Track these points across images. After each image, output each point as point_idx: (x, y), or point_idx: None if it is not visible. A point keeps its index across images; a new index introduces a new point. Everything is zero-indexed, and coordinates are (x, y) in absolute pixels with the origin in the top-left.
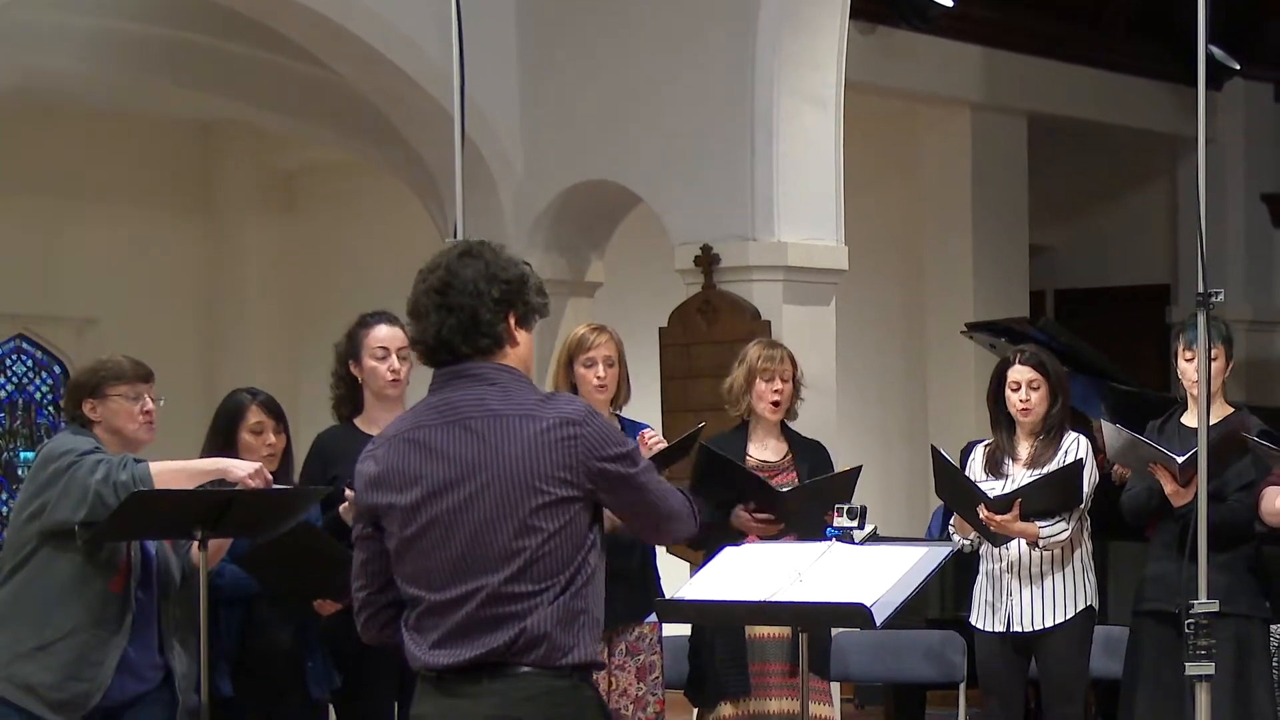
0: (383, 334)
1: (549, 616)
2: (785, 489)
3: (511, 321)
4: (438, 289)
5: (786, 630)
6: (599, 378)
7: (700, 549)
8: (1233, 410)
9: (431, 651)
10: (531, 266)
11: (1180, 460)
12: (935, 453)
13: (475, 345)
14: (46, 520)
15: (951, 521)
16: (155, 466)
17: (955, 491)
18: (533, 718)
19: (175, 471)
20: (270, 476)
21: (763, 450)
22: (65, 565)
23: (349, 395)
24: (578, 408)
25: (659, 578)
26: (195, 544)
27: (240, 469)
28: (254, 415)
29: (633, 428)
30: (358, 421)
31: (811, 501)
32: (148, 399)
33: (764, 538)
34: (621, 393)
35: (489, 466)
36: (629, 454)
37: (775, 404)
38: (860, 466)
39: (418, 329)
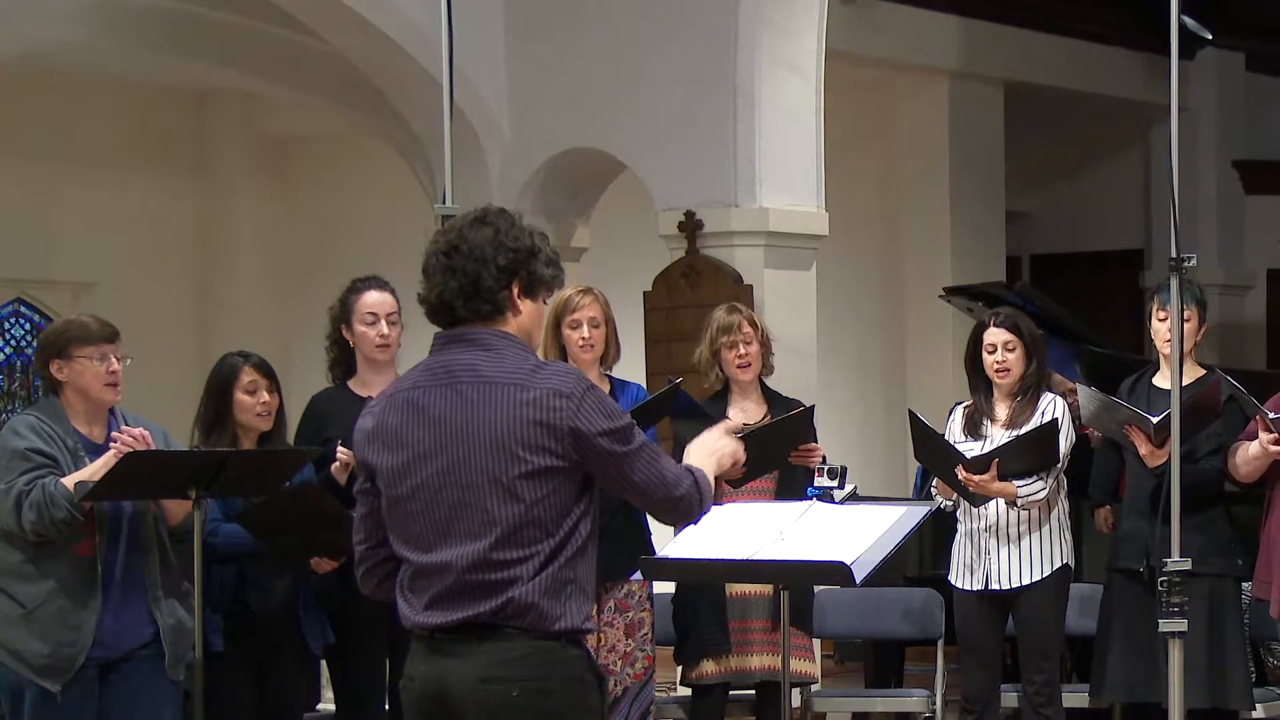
0: (372, 299)
1: (536, 587)
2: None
3: (515, 290)
4: (445, 251)
5: (768, 588)
6: (584, 338)
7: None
8: (1205, 372)
9: (423, 612)
10: (546, 238)
11: (1155, 421)
12: (913, 417)
13: (475, 310)
14: None
15: (933, 483)
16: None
17: (933, 454)
18: (521, 676)
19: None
20: (147, 436)
21: (742, 412)
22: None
23: (342, 358)
24: (570, 380)
25: (649, 535)
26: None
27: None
28: (247, 375)
29: (620, 386)
30: (351, 384)
31: (770, 443)
32: (113, 359)
33: (730, 482)
34: (610, 352)
35: (475, 432)
36: (621, 430)
37: (744, 367)
38: (813, 406)
39: (425, 288)
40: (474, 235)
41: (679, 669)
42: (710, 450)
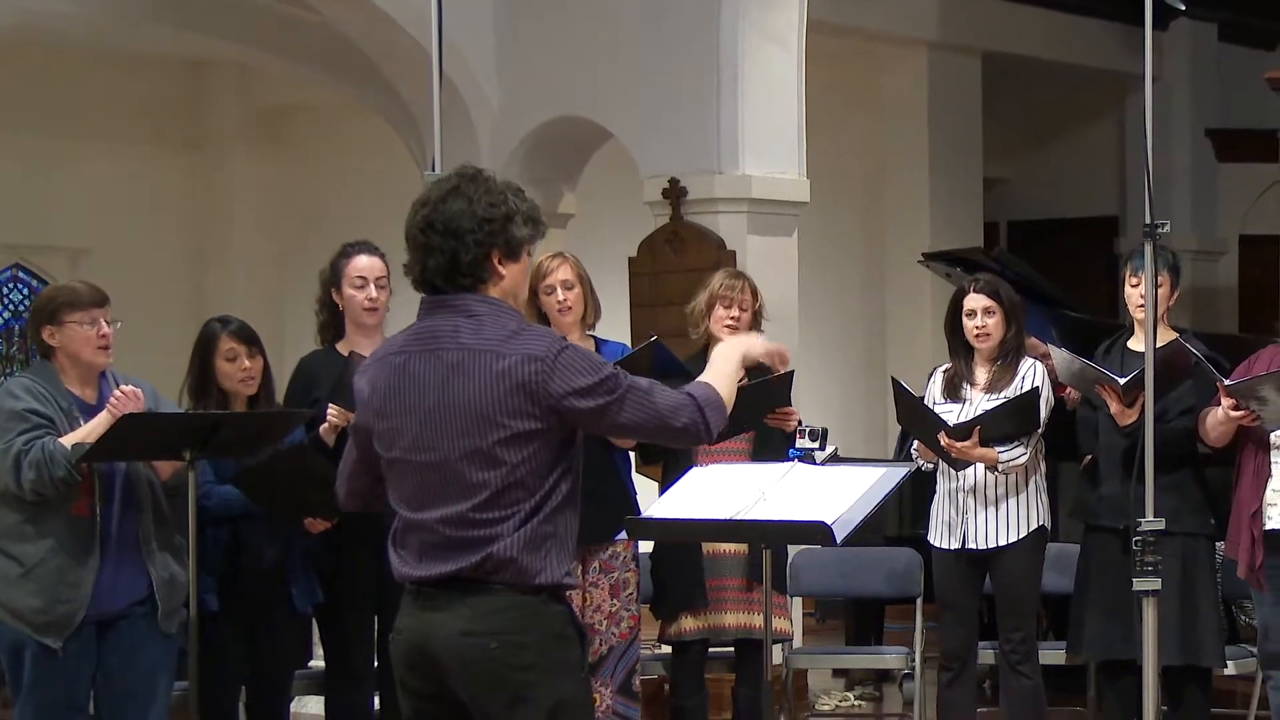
0: (362, 264)
1: (515, 542)
2: None
3: (495, 258)
4: (421, 227)
5: (742, 547)
6: (559, 301)
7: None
8: (1176, 335)
9: (411, 565)
10: (523, 193)
11: (1123, 381)
12: (896, 384)
13: (456, 285)
14: None
15: (914, 447)
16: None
17: (916, 420)
18: (499, 629)
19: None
20: (139, 393)
21: None
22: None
23: (332, 321)
24: (545, 343)
25: (634, 495)
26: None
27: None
28: (225, 343)
29: (602, 344)
30: (339, 346)
31: (748, 403)
32: (104, 323)
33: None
34: (589, 312)
35: (454, 400)
36: (600, 383)
37: (731, 329)
38: (792, 372)
39: (408, 259)
40: (447, 209)
41: (658, 625)
42: (738, 343)
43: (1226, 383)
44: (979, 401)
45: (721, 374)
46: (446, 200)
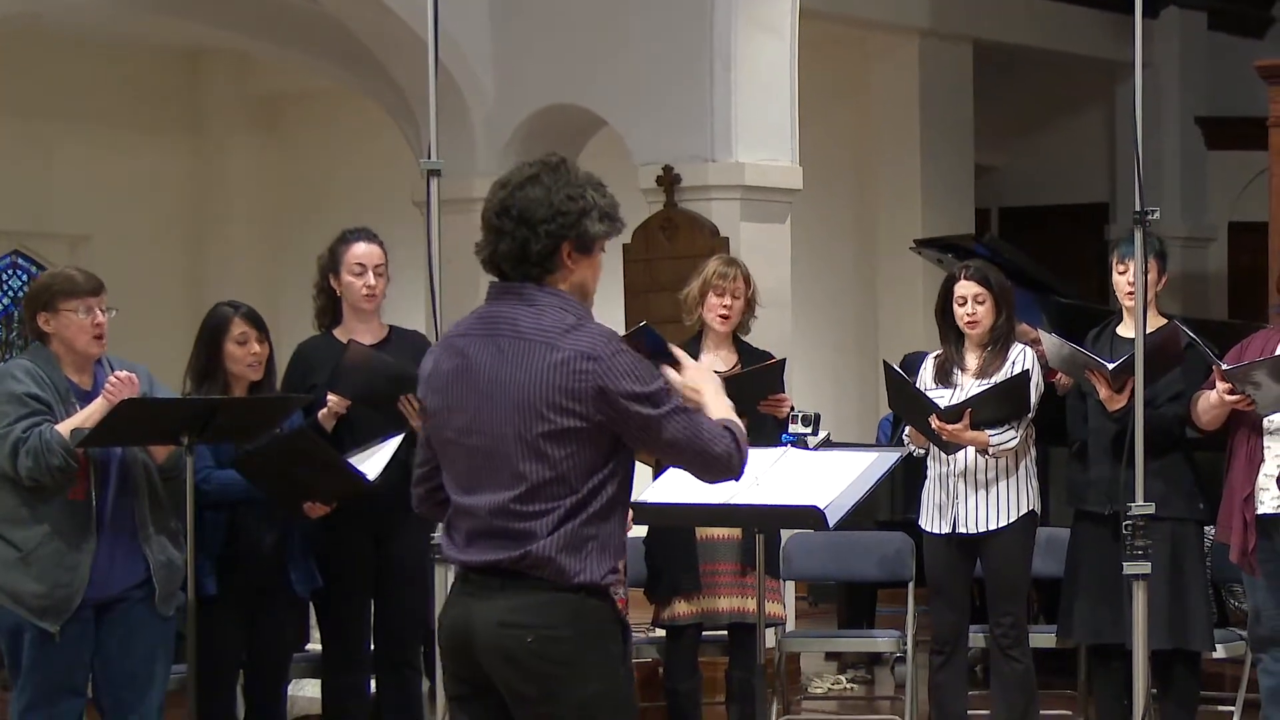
0: (360, 251)
1: (554, 542)
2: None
3: (565, 251)
4: (497, 210)
5: (736, 532)
6: None
7: None
8: (1165, 322)
9: (458, 549)
10: (603, 188)
11: (1111, 367)
12: (887, 367)
13: (524, 274)
14: None
15: (906, 432)
16: (60, 427)
17: (907, 403)
18: (537, 624)
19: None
20: (134, 378)
21: (714, 360)
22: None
23: (329, 306)
24: (600, 341)
25: None
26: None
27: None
28: (237, 327)
29: None
30: (336, 332)
31: (741, 391)
32: (98, 311)
33: None
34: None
35: (505, 388)
36: (651, 394)
37: (723, 317)
38: (784, 360)
39: (481, 239)
40: (525, 196)
41: (652, 610)
42: (718, 394)
43: (1224, 367)
44: (970, 387)
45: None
46: (525, 187)
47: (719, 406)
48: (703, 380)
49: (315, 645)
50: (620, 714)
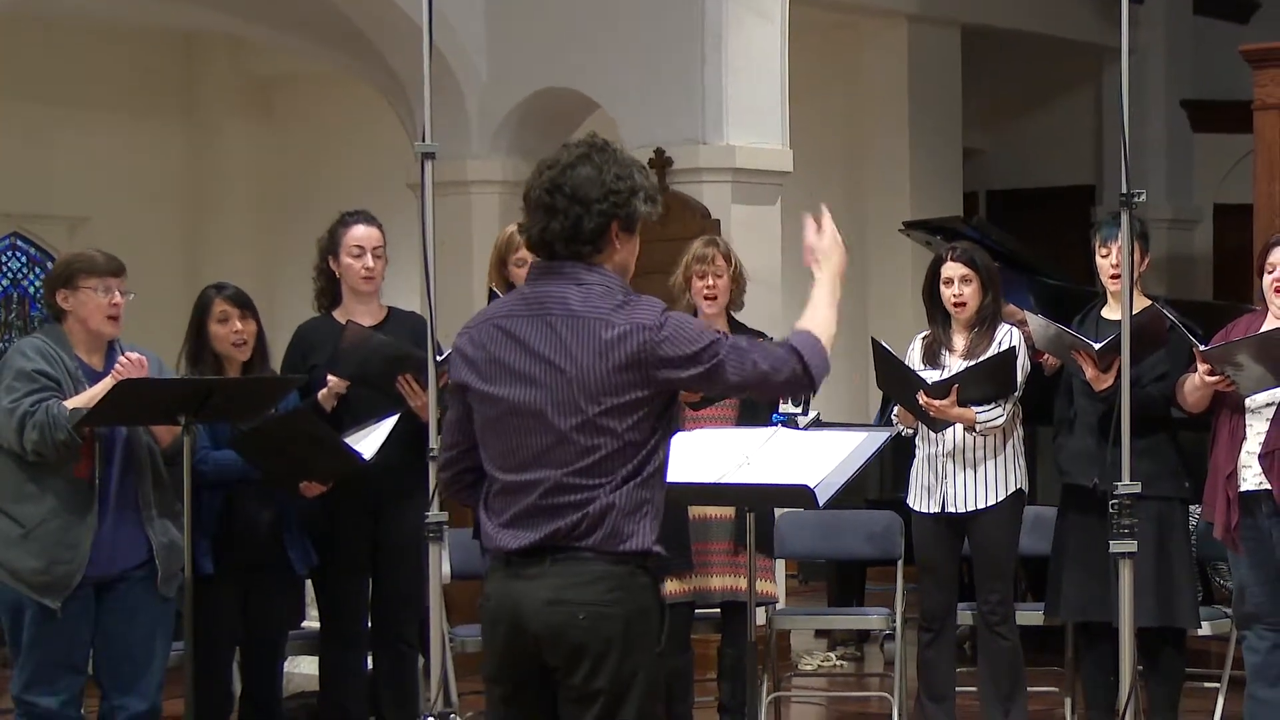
0: (359, 233)
1: (614, 502)
2: None
3: (614, 230)
4: (548, 189)
5: (729, 511)
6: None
7: None
8: (1150, 303)
9: (500, 531)
10: (646, 170)
11: (1097, 347)
12: (876, 344)
13: (576, 251)
14: None
15: (895, 412)
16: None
17: (895, 380)
18: (587, 600)
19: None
20: (144, 361)
21: None
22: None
23: (328, 288)
24: (652, 312)
25: None
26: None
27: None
28: (218, 306)
29: None
30: (335, 313)
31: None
32: (117, 293)
33: (690, 404)
34: None
35: (563, 367)
36: (705, 350)
37: (709, 298)
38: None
39: (527, 220)
40: (577, 175)
41: None
42: (827, 274)
43: (1202, 349)
44: (957, 368)
45: (818, 313)
46: (576, 166)
47: (822, 297)
48: (834, 252)
49: (312, 623)
50: (654, 691)
